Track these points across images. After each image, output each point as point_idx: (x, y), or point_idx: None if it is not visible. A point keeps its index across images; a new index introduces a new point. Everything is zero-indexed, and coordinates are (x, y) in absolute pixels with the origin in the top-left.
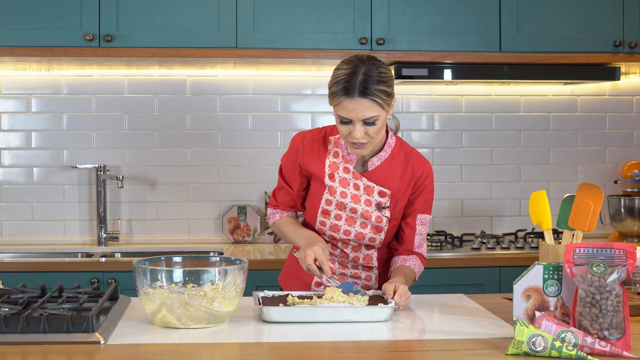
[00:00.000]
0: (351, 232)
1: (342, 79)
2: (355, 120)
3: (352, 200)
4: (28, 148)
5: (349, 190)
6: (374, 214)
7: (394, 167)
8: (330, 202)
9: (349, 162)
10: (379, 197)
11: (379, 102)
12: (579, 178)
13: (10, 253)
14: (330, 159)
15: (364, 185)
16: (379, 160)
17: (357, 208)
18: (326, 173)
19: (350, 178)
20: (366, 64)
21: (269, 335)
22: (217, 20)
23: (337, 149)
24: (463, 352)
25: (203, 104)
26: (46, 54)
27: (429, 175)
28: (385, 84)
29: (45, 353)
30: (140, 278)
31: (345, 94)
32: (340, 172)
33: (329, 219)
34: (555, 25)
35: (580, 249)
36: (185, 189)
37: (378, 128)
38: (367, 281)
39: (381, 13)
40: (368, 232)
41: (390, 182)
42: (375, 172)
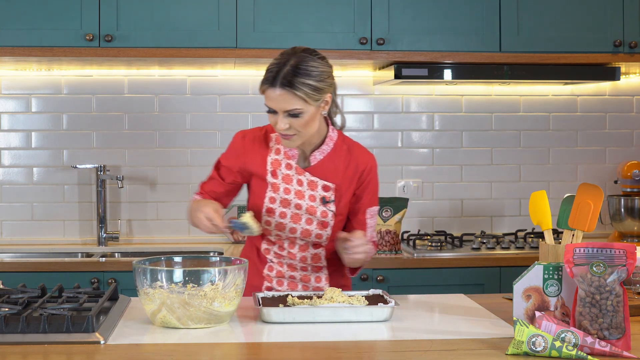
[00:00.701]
0: (297, 229)
1: (272, 68)
2: (279, 111)
3: (296, 196)
4: (28, 148)
5: (293, 187)
6: (319, 209)
7: (337, 160)
8: (274, 199)
9: (290, 158)
10: (323, 192)
11: (300, 95)
12: (579, 178)
13: (10, 253)
14: (272, 157)
15: (307, 180)
16: (321, 155)
17: (301, 204)
18: (268, 171)
19: (293, 174)
20: (298, 56)
21: (269, 335)
22: (217, 20)
23: (279, 146)
24: (463, 352)
25: (203, 104)
26: (46, 54)
27: (373, 167)
28: (313, 78)
29: (45, 353)
30: (140, 278)
31: (270, 83)
32: (283, 168)
33: (273, 217)
34: (555, 25)
35: (580, 249)
36: (185, 189)
37: (304, 122)
38: (317, 283)
39: (381, 13)
40: (314, 229)
41: (334, 176)
42: (318, 166)
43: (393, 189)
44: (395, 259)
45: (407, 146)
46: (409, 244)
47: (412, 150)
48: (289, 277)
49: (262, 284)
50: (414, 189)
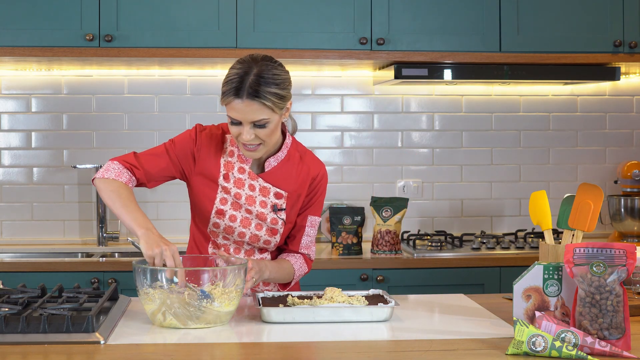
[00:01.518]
0: (246, 234)
1: (234, 78)
2: (245, 122)
3: (247, 201)
4: (28, 148)
5: (244, 192)
6: (269, 216)
7: (290, 168)
8: (225, 201)
9: (244, 162)
10: (275, 199)
11: (268, 105)
12: (579, 178)
13: (10, 253)
14: (225, 158)
15: (260, 186)
16: (275, 161)
17: (252, 209)
18: (221, 173)
19: (246, 178)
20: (260, 65)
21: (269, 335)
22: (217, 20)
23: (233, 148)
24: (463, 352)
25: (203, 104)
26: (46, 54)
27: (324, 176)
28: (278, 86)
29: (45, 353)
30: (140, 278)
31: (235, 94)
32: (235, 172)
33: (223, 219)
34: (555, 25)
35: (580, 249)
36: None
37: (269, 131)
38: (265, 287)
39: (381, 13)
40: (263, 235)
41: (287, 183)
42: (272, 173)
43: (393, 189)
44: (395, 259)
45: (407, 146)
46: (409, 244)
47: (412, 150)
48: None
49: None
50: (414, 189)
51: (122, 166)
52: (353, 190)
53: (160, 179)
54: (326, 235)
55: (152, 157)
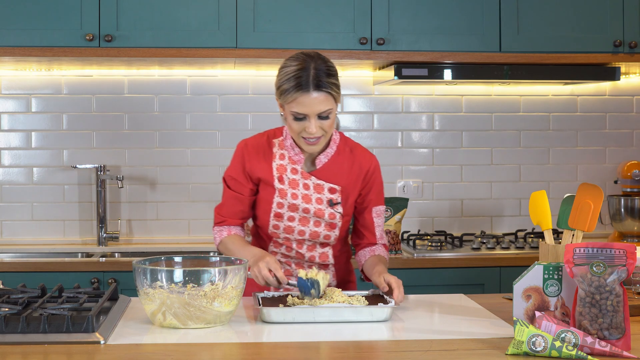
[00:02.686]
0: (305, 231)
1: (294, 75)
2: (311, 115)
3: (304, 200)
4: (28, 148)
5: (299, 191)
6: (327, 212)
7: (341, 162)
8: (282, 204)
9: (296, 163)
10: (330, 194)
11: (333, 94)
12: (579, 178)
13: (10, 253)
14: (277, 162)
15: (314, 184)
16: (326, 158)
17: (309, 208)
18: (275, 176)
19: (299, 178)
20: (315, 59)
21: (269, 335)
22: (217, 20)
23: (283, 151)
24: (463, 352)
25: (203, 104)
26: (46, 54)
27: (377, 167)
28: (334, 77)
29: (45, 353)
30: (140, 278)
31: (300, 89)
32: (289, 173)
33: (282, 221)
34: (555, 25)
35: (580, 249)
36: (185, 189)
37: (331, 122)
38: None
39: (381, 13)
40: (322, 230)
41: (339, 177)
42: (323, 169)
43: (393, 189)
44: (395, 259)
45: (407, 146)
46: (409, 244)
47: (412, 150)
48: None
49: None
50: (414, 189)
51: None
52: None
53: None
54: None
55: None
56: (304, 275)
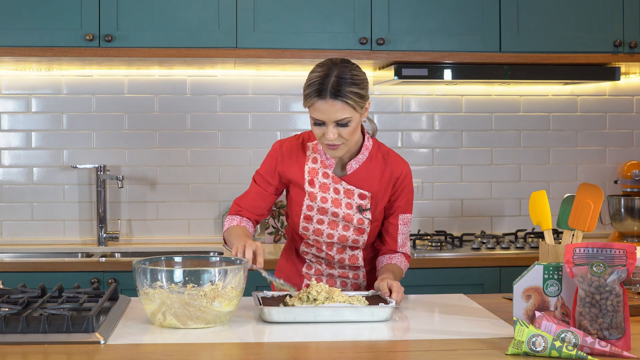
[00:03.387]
0: (334, 235)
1: (316, 81)
2: (328, 122)
3: (333, 204)
4: (28, 148)
5: (330, 195)
6: (356, 217)
7: (373, 169)
8: (311, 207)
9: (327, 167)
10: (360, 200)
11: (350, 103)
12: (579, 178)
13: (10, 253)
14: (309, 165)
15: (344, 188)
16: (357, 164)
17: (338, 212)
18: (306, 179)
19: (330, 182)
20: (339, 67)
21: (269, 335)
22: (217, 20)
23: (316, 155)
24: (463, 352)
25: (203, 104)
26: (46, 54)
27: (408, 174)
28: (358, 86)
29: (45, 353)
30: (140, 278)
31: (318, 95)
32: (320, 177)
33: (311, 224)
34: (555, 25)
35: (580, 249)
36: (185, 189)
37: (351, 130)
38: (355, 280)
39: (381, 13)
40: (351, 235)
41: (370, 184)
42: (354, 175)
43: None
44: None
45: (407, 146)
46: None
47: (412, 150)
48: (328, 275)
49: (301, 281)
50: (414, 189)
51: (231, 215)
52: None
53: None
54: None
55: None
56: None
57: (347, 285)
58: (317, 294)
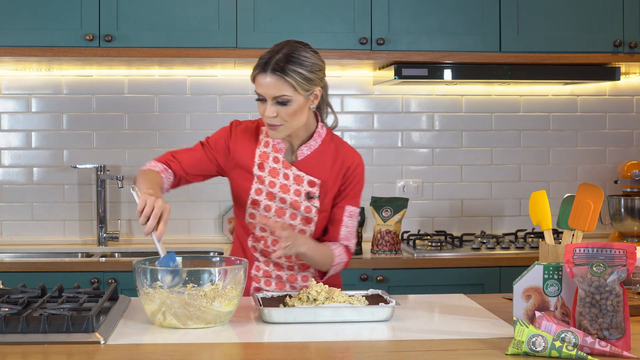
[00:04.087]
0: None
1: (265, 56)
2: (268, 98)
3: (281, 189)
4: (28, 148)
5: (279, 180)
6: (303, 204)
7: (324, 157)
8: (260, 191)
9: (278, 152)
10: (309, 187)
11: (290, 82)
12: (579, 178)
13: (10, 253)
14: (260, 149)
15: (294, 174)
16: (308, 150)
17: (286, 198)
18: (255, 163)
19: (280, 167)
20: (291, 46)
21: (269, 335)
22: (217, 20)
23: (268, 139)
24: (463, 352)
25: (203, 104)
26: (46, 54)
27: (359, 165)
28: (305, 67)
29: (45, 353)
30: (140, 278)
31: (260, 69)
32: (270, 161)
33: (258, 210)
34: (555, 25)
35: (580, 249)
36: (185, 189)
37: (291, 111)
38: (303, 282)
39: (381, 13)
40: (298, 224)
41: (320, 171)
42: (305, 161)
43: (393, 189)
44: (395, 259)
45: (407, 146)
46: (409, 244)
47: (412, 150)
48: (276, 277)
49: (250, 284)
50: (414, 189)
51: (158, 161)
52: None
53: (196, 172)
54: None
55: (187, 152)
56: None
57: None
58: (317, 294)
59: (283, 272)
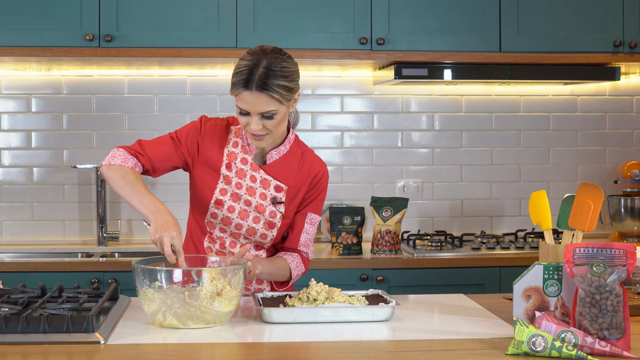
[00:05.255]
0: (243, 226)
1: (244, 70)
2: (253, 114)
3: (247, 192)
4: (28, 148)
5: (245, 182)
6: (268, 209)
7: (291, 163)
8: (225, 191)
9: (247, 153)
10: (275, 192)
11: (276, 97)
12: (579, 178)
13: (10, 253)
14: (229, 148)
15: (261, 178)
16: (277, 154)
17: (251, 200)
18: (223, 162)
19: (248, 169)
20: (269, 57)
21: (269, 335)
22: (217, 20)
23: (237, 139)
24: (463, 352)
25: (203, 104)
26: (46, 54)
27: (325, 174)
28: (286, 78)
29: (45, 353)
30: (139, 278)
31: (244, 86)
32: (238, 162)
33: (221, 210)
34: (555, 25)
35: (580, 249)
36: (185, 189)
37: (276, 122)
38: (258, 285)
39: (381, 13)
40: (260, 228)
41: (287, 177)
42: (274, 165)
43: (393, 189)
44: (395, 259)
45: (407, 146)
46: (409, 244)
47: (412, 150)
48: None
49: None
50: (414, 189)
51: (128, 153)
52: (353, 190)
53: (164, 167)
54: (326, 235)
55: (157, 145)
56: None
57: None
58: (317, 294)
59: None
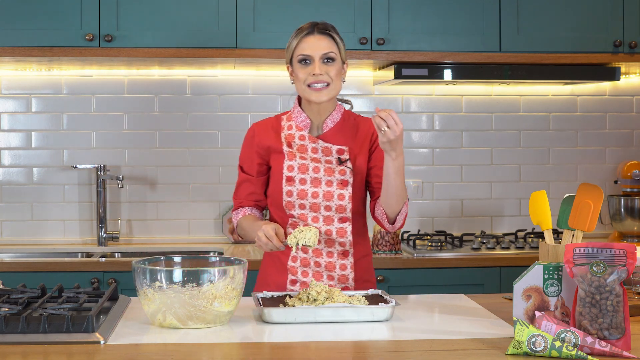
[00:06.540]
0: (319, 193)
1: (304, 26)
2: (315, 57)
3: (313, 161)
4: (28, 148)
5: (308, 154)
6: (337, 169)
7: (346, 128)
8: (292, 167)
9: (303, 129)
10: (338, 155)
11: (337, 40)
12: (579, 178)
13: (10, 253)
14: (285, 132)
15: (322, 147)
16: (332, 122)
17: (319, 167)
18: (284, 142)
19: (307, 143)
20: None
21: (269, 335)
22: (217, 20)
23: (290, 122)
24: (463, 352)
25: (203, 104)
26: (46, 54)
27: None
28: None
29: (45, 353)
30: (139, 278)
31: (309, 32)
32: (297, 140)
33: (294, 186)
34: (555, 25)
35: (580, 249)
36: (185, 189)
37: (336, 71)
38: (342, 271)
39: (381, 13)
40: (335, 189)
41: (345, 140)
42: (330, 134)
43: None
44: (395, 259)
45: (407, 146)
46: (409, 244)
47: (412, 150)
48: (314, 265)
49: (286, 278)
50: (414, 189)
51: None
52: None
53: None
54: None
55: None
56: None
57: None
58: (317, 294)
59: (321, 258)
